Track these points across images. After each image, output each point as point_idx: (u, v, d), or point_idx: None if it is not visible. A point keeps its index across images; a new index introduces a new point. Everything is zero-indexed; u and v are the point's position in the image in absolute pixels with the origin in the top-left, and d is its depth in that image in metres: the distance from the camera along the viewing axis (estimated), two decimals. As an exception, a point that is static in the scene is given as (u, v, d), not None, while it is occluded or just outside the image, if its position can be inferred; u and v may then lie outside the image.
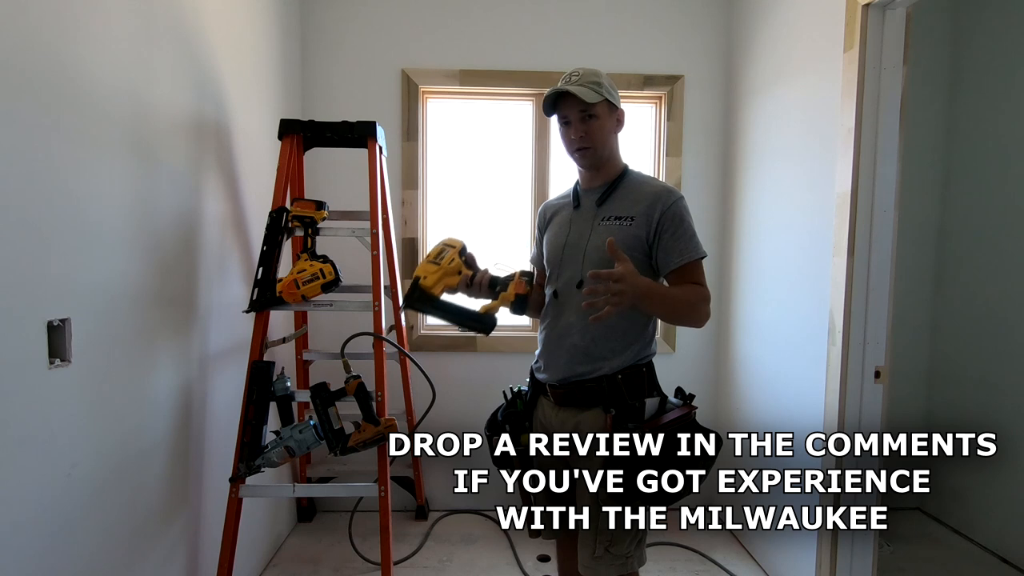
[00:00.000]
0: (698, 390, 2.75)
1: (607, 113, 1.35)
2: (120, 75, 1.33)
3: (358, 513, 2.41)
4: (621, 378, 1.32)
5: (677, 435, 1.26)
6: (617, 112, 1.38)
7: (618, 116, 1.39)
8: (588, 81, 1.33)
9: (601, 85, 1.33)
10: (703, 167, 2.70)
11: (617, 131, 1.40)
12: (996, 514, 2.41)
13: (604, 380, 1.33)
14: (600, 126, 1.34)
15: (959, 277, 2.62)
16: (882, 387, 1.72)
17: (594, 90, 1.32)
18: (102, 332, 1.28)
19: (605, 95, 1.33)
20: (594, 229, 1.36)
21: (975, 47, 2.56)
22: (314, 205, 1.92)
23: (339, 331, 1.97)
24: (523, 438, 1.45)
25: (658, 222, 1.31)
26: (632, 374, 1.34)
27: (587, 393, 1.35)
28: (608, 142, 1.37)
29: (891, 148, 1.67)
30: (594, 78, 1.34)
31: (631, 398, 1.31)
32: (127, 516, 1.39)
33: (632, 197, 1.35)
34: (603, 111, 1.34)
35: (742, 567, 2.28)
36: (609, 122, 1.36)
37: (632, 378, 1.34)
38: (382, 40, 2.60)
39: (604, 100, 1.33)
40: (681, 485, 1.25)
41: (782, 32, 2.18)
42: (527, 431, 1.47)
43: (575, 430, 1.37)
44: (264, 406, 1.74)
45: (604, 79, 1.35)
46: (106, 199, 1.29)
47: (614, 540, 1.32)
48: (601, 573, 1.32)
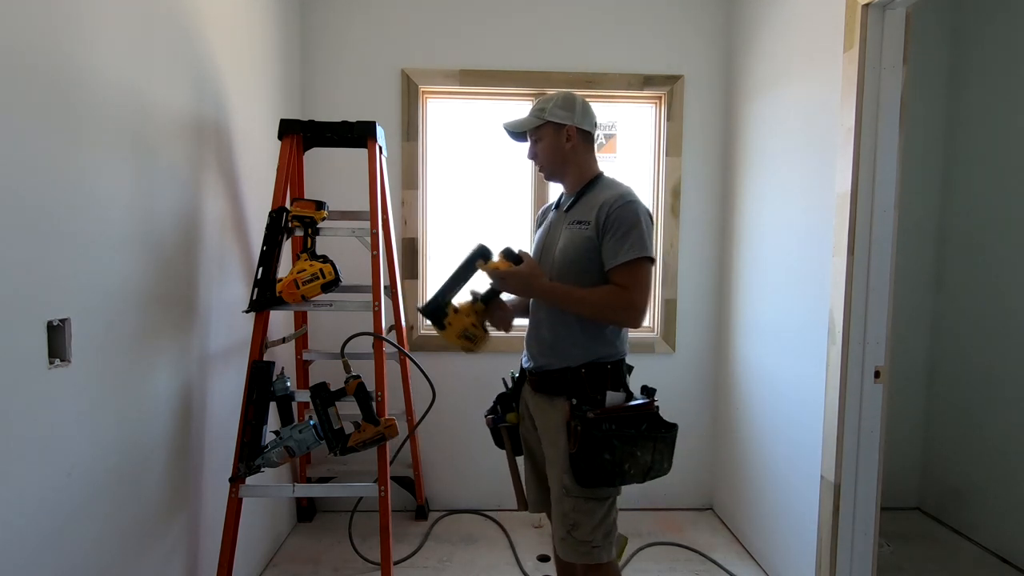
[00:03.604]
0: (698, 389, 2.77)
1: (552, 133, 1.49)
2: (120, 75, 1.33)
3: (358, 513, 2.41)
4: (584, 372, 1.43)
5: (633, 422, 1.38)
6: (564, 130, 1.48)
7: (567, 132, 1.49)
8: (535, 109, 1.51)
9: (545, 110, 1.48)
10: (703, 167, 2.70)
11: (571, 145, 1.49)
12: (996, 514, 2.41)
13: (569, 372, 1.44)
14: (545, 146, 1.51)
15: (959, 276, 2.62)
16: (882, 387, 1.72)
17: (536, 116, 1.49)
18: (102, 332, 1.27)
19: (548, 118, 1.47)
20: (562, 232, 1.50)
21: (974, 47, 2.56)
22: (314, 205, 1.92)
23: (339, 331, 1.97)
24: (510, 416, 1.62)
25: (603, 225, 1.40)
26: (595, 370, 1.43)
27: (554, 382, 1.47)
28: (555, 158, 1.51)
29: (891, 148, 1.67)
30: (541, 105, 1.50)
31: (592, 391, 1.41)
32: (127, 516, 1.39)
33: (592, 203, 1.46)
34: (547, 133, 1.49)
35: (742, 567, 2.28)
36: (555, 140, 1.49)
37: (595, 373, 1.43)
38: (382, 40, 2.60)
39: (546, 123, 1.48)
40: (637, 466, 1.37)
41: (782, 32, 2.18)
42: (515, 411, 1.62)
43: (544, 417, 1.50)
44: (264, 406, 1.74)
45: (552, 103, 1.48)
46: (106, 199, 1.29)
47: (576, 524, 1.41)
48: (569, 556, 1.43)
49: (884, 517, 1.84)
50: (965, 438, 2.56)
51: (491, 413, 1.65)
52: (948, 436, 2.65)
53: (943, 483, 2.67)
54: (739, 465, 2.50)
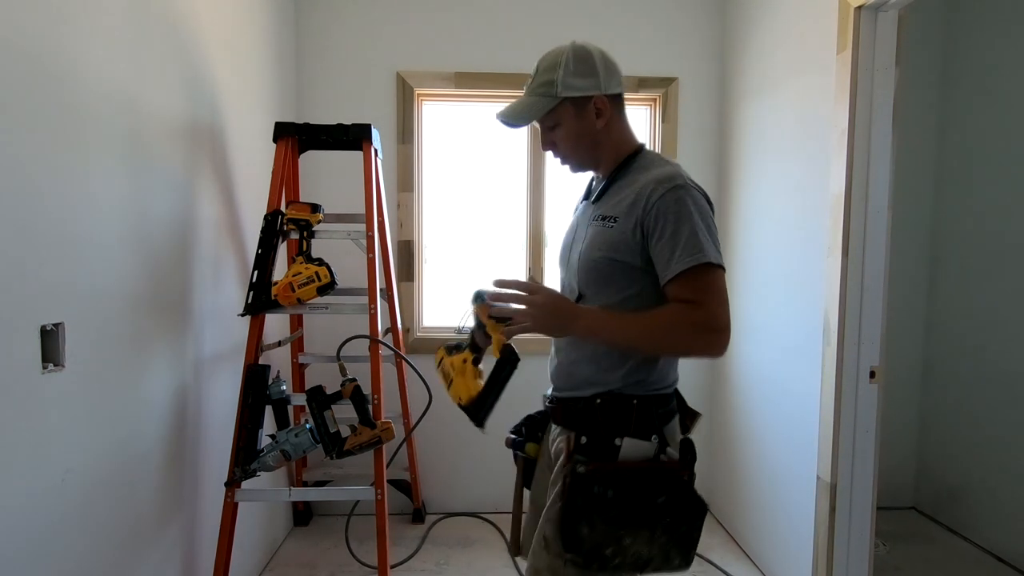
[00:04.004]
0: (693, 391, 2.77)
1: (572, 113, 1.11)
2: (113, 78, 1.33)
3: (355, 516, 2.40)
4: (599, 404, 1.08)
5: (649, 492, 1.01)
6: (591, 103, 1.11)
7: (596, 106, 1.11)
8: (539, 84, 1.11)
9: (554, 83, 1.09)
10: (697, 169, 2.71)
11: (602, 120, 1.12)
12: (991, 513, 2.42)
13: (581, 402, 1.11)
14: (567, 132, 1.13)
15: (953, 277, 2.64)
16: (877, 386, 1.73)
17: (544, 94, 1.10)
18: (96, 336, 1.27)
19: (562, 94, 1.09)
20: (587, 230, 1.15)
21: (966, 48, 2.58)
22: (309, 208, 1.91)
23: (335, 334, 1.96)
24: (529, 447, 1.29)
25: (644, 222, 1.04)
26: (614, 403, 1.07)
27: (567, 414, 1.15)
28: (585, 142, 1.14)
29: (884, 149, 1.68)
30: (547, 76, 1.10)
31: (607, 431, 1.06)
32: (121, 521, 1.38)
33: (625, 191, 1.10)
34: (566, 114, 1.11)
35: (738, 567, 2.29)
36: (578, 122, 1.12)
37: (613, 408, 1.07)
38: (377, 43, 2.60)
39: (563, 101, 1.10)
40: (624, 555, 1.01)
41: (776, 34, 2.20)
42: (538, 441, 1.29)
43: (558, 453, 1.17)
44: (260, 410, 1.74)
45: (562, 69, 1.09)
46: (100, 202, 1.28)
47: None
48: None
49: (880, 517, 1.85)
50: (961, 437, 2.57)
51: (514, 433, 1.33)
52: (943, 435, 2.67)
53: (939, 482, 2.68)
54: (735, 465, 2.50)
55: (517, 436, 1.32)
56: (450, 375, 1.26)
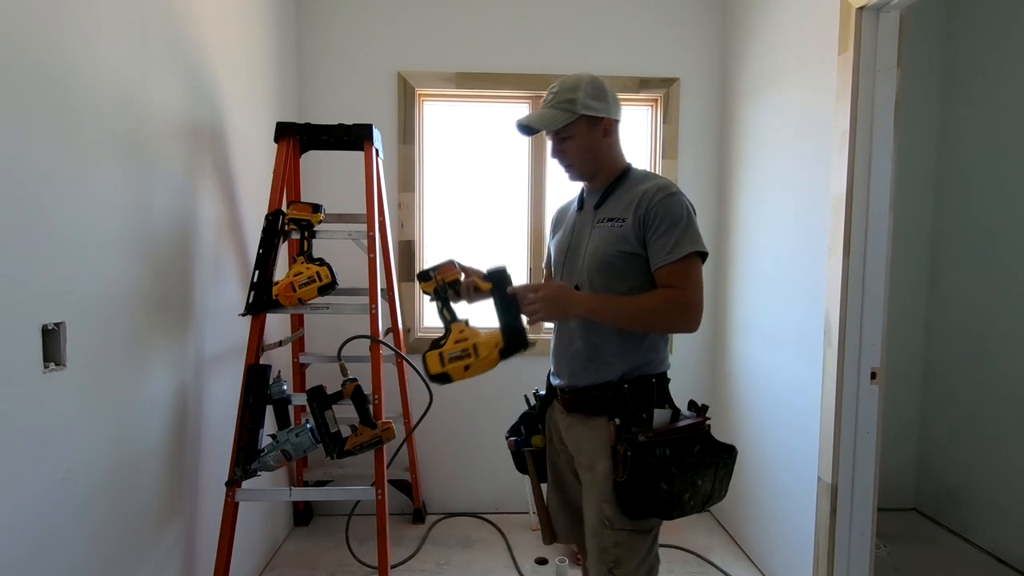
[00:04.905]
0: (694, 391, 2.76)
1: (585, 129, 1.31)
2: (115, 77, 1.33)
3: (355, 517, 2.40)
4: (628, 388, 1.28)
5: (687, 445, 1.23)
6: (602, 123, 1.32)
7: (604, 126, 1.33)
8: (561, 100, 1.29)
9: (575, 101, 1.28)
10: (699, 169, 2.71)
11: (607, 140, 1.34)
12: (992, 514, 2.41)
13: (609, 388, 1.29)
14: (577, 145, 1.32)
15: (954, 277, 2.64)
16: (878, 388, 1.73)
17: (565, 109, 1.28)
18: (97, 336, 1.27)
19: (581, 111, 1.28)
20: (592, 232, 1.34)
21: (968, 49, 2.58)
22: (310, 208, 1.92)
23: (336, 334, 1.96)
24: (535, 439, 1.47)
25: (642, 222, 1.26)
26: (639, 385, 1.29)
27: (593, 401, 1.31)
28: (591, 156, 1.34)
29: (885, 149, 1.68)
30: (568, 95, 1.29)
31: (637, 409, 1.27)
32: (121, 521, 1.38)
33: (627, 197, 1.31)
34: (579, 129, 1.30)
35: (739, 568, 2.28)
36: (589, 137, 1.32)
37: (639, 388, 1.29)
38: (378, 43, 2.61)
39: (580, 117, 1.29)
40: (698, 496, 1.22)
41: (777, 35, 2.19)
42: (540, 432, 1.48)
43: (578, 439, 1.35)
44: (260, 409, 1.74)
45: (582, 91, 1.29)
46: (101, 202, 1.28)
47: (619, 561, 1.25)
48: None
49: (881, 518, 1.85)
50: (961, 439, 2.57)
51: (513, 434, 1.49)
52: (944, 437, 2.66)
53: (940, 484, 2.68)
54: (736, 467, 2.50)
55: (517, 435, 1.48)
56: (465, 355, 1.24)
